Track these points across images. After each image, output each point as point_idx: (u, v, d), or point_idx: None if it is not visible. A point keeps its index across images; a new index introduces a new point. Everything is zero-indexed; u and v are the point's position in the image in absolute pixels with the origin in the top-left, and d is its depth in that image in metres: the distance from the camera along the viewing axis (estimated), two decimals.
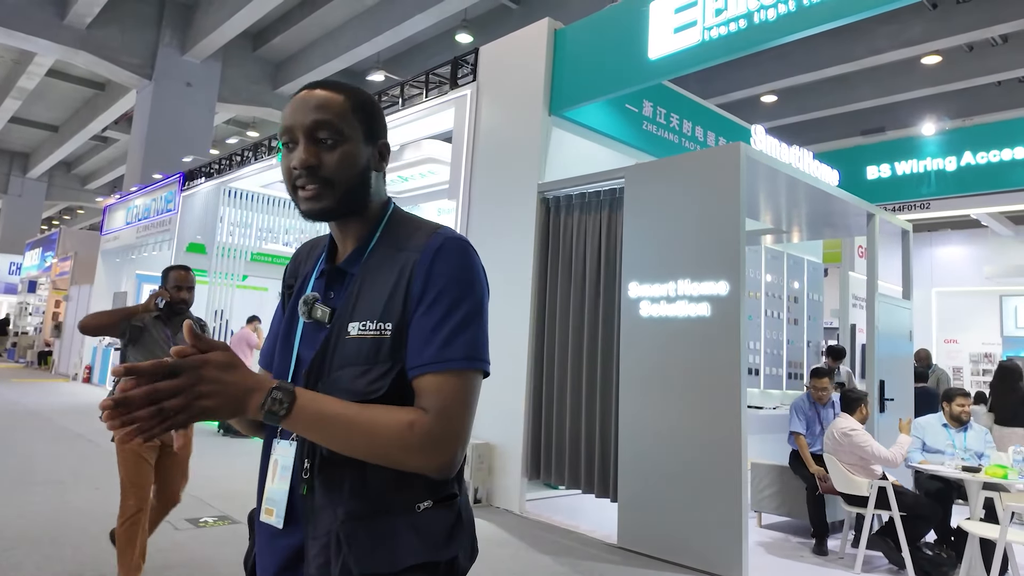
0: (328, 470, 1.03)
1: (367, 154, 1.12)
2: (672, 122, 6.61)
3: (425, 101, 6.89)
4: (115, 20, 16.09)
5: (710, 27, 4.58)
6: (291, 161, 1.08)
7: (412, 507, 1.03)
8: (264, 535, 1.10)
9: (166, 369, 0.87)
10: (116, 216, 15.40)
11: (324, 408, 0.96)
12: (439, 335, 1.02)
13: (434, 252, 1.06)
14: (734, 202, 4.27)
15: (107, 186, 29.68)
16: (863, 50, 12.77)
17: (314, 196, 1.07)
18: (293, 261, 1.28)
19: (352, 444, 0.97)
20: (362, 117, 1.12)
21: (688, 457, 4.32)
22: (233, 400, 0.91)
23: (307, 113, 1.07)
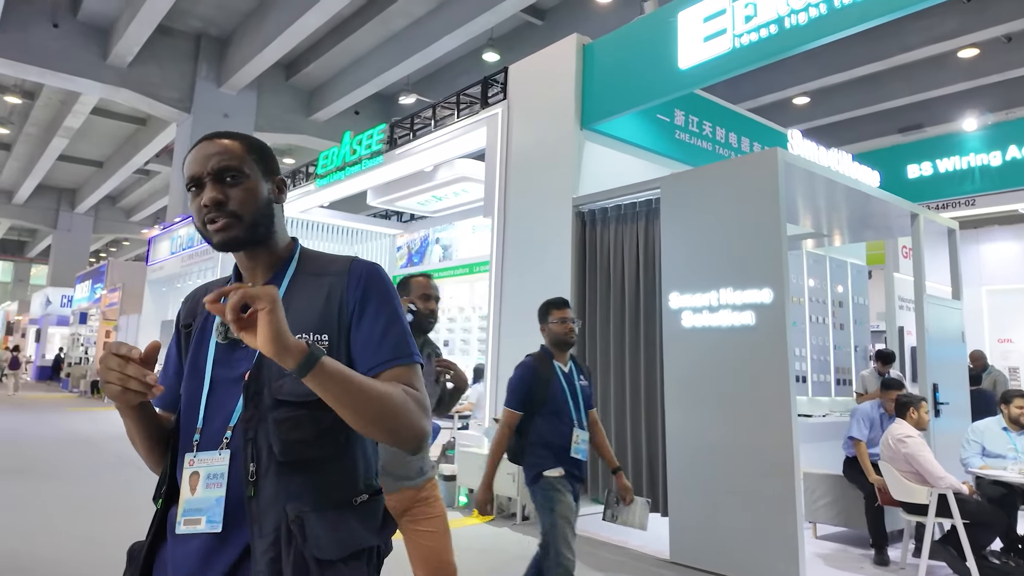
0: (274, 472, 1.12)
1: (267, 188, 1.25)
2: (705, 130, 6.58)
3: (457, 121, 6.98)
4: (154, 57, 16.69)
5: (740, 34, 4.56)
6: (201, 200, 1.20)
7: (351, 501, 1.17)
8: (189, 558, 1.13)
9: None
10: (161, 247, 15.86)
11: (341, 365, 1.06)
12: (389, 339, 1.20)
13: (365, 273, 1.24)
14: (774, 208, 4.22)
15: (151, 217, 30.64)
16: (896, 47, 12.54)
17: (224, 227, 1.19)
18: (186, 304, 1.39)
19: (365, 401, 1.07)
20: (257, 157, 1.26)
21: (739, 468, 4.25)
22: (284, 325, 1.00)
23: (210, 159, 1.21)
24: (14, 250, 42.89)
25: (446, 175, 8.55)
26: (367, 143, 8.20)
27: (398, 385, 1.14)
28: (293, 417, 1.13)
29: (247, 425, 1.14)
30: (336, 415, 1.08)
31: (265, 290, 0.99)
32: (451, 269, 11.10)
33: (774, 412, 4.12)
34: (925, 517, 4.25)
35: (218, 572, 1.11)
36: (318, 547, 1.09)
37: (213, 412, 1.19)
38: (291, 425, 1.13)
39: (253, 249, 1.25)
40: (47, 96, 19.65)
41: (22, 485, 6.59)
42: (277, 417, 1.13)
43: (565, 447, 3.01)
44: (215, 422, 1.18)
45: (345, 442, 1.18)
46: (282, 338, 0.98)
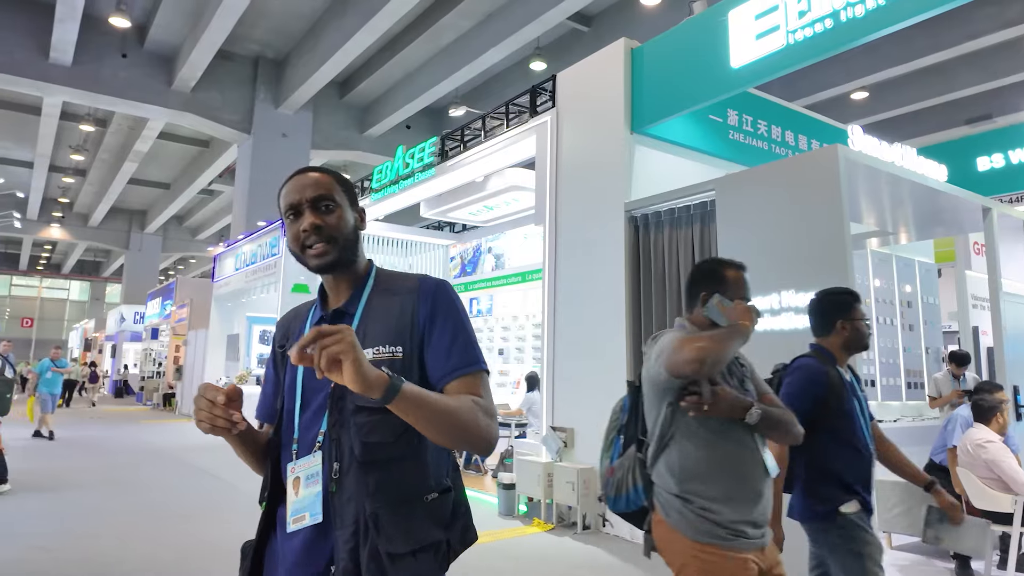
0: (355, 470, 1.25)
1: (353, 217, 1.40)
2: (760, 129, 6.44)
3: (506, 131, 7.03)
4: (215, 82, 17.40)
5: (794, 30, 4.45)
6: (300, 226, 1.35)
7: (423, 498, 1.29)
8: (299, 548, 1.28)
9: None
10: (226, 264, 16.46)
11: (418, 389, 1.16)
12: (456, 348, 1.31)
13: (433, 289, 1.36)
14: (836, 207, 4.09)
15: (215, 235, 31.87)
16: (961, 35, 12.02)
17: (322, 252, 1.34)
18: (280, 328, 1.54)
19: (440, 418, 1.17)
20: (344, 189, 1.41)
21: None
22: (365, 365, 1.07)
23: (307, 189, 1.36)
24: (90, 270, 45.28)
25: (497, 185, 8.61)
26: (419, 156, 8.33)
27: (467, 397, 1.25)
28: (371, 421, 1.26)
29: (332, 429, 1.29)
30: None
31: (344, 339, 1.05)
32: (503, 278, 11.15)
33: None
34: (1009, 526, 4.03)
35: (321, 561, 1.26)
36: (389, 542, 1.21)
37: (308, 423, 1.34)
38: (369, 428, 1.26)
39: (340, 271, 1.39)
40: (117, 123, 20.71)
41: (105, 493, 6.92)
42: (358, 421, 1.26)
43: (863, 476, 2.50)
44: (310, 432, 1.33)
45: (417, 444, 1.29)
46: (366, 378, 1.06)
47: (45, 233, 31.58)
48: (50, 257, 42.15)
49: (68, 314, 45.84)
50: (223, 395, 1.23)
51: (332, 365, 1.05)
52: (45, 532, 5.32)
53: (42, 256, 41.49)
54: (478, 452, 1.28)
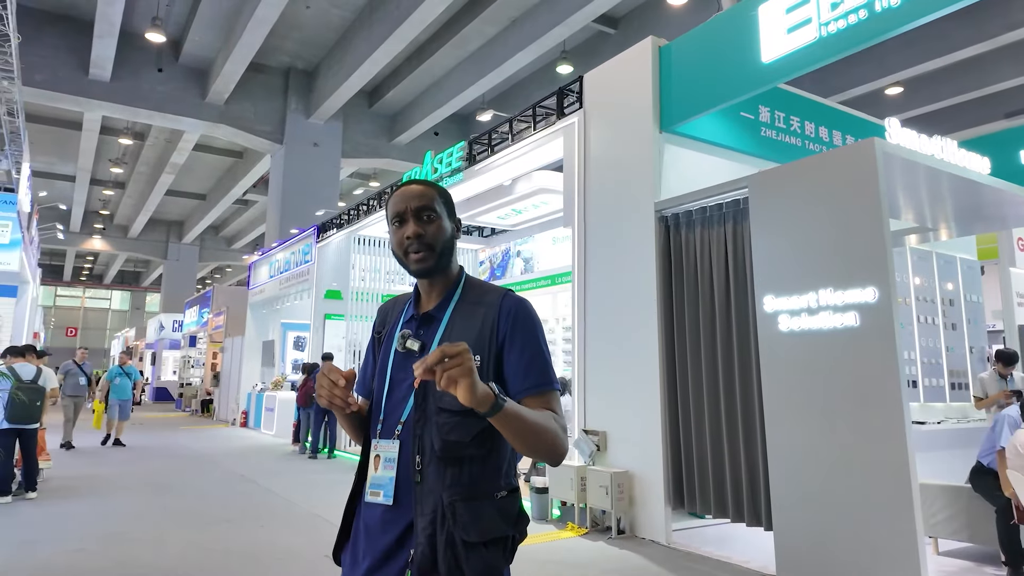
0: (435, 464, 1.38)
1: (450, 227, 1.53)
2: (793, 125, 6.32)
3: (534, 134, 7.01)
4: (247, 94, 17.74)
5: (826, 22, 4.36)
6: (405, 233, 1.48)
7: (494, 494, 1.41)
8: (374, 520, 1.44)
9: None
10: (260, 271, 16.74)
11: (515, 405, 1.29)
12: (535, 367, 1.44)
13: (514, 309, 1.47)
14: (874, 201, 3.98)
15: (250, 244, 32.46)
16: (998, 26, 11.68)
17: (422, 258, 1.47)
18: (380, 315, 1.69)
19: (529, 431, 1.30)
20: (444, 202, 1.53)
21: (849, 479, 4.00)
22: (478, 386, 1.19)
23: (411, 199, 1.49)
24: (131, 280, 46.49)
25: (524, 188, 8.60)
26: (447, 161, 8.37)
27: (548, 413, 1.38)
28: (451, 422, 1.38)
29: (416, 424, 1.42)
30: (485, 424, 1.31)
31: (464, 364, 1.17)
32: (533, 281, 11.12)
33: (885, 418, 3.86)
34: None
35: (392, 536, 1.40)
36: (465, 531, 1.33)
37: (392, 408, 1.49)
38: (449, 428, 1.38)
39: (435, 276, 1.51)
40: (154, 136, 21.25)
41: (144, 497, 7.06)
42: (439, 421, 1.39)
43: None
44: (392, 416, 1.48)
45: (491, 446, 1.41)
46: (477, 397, 1.18)
47: (87, 245, 32.51)
48: (92, 268, 43.38)
49: (110, 323, 47.10)
50: (344, 379, 1.40)
51: (450, 383, 1.17)
52: (85, 535, 5.43)
53: (85, 267, 42.73)
54: (551, 462, 1.40)
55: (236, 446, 12.18)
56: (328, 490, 7.83)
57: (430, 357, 1.17)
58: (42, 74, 15.50)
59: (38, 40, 15.38)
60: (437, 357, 1.16)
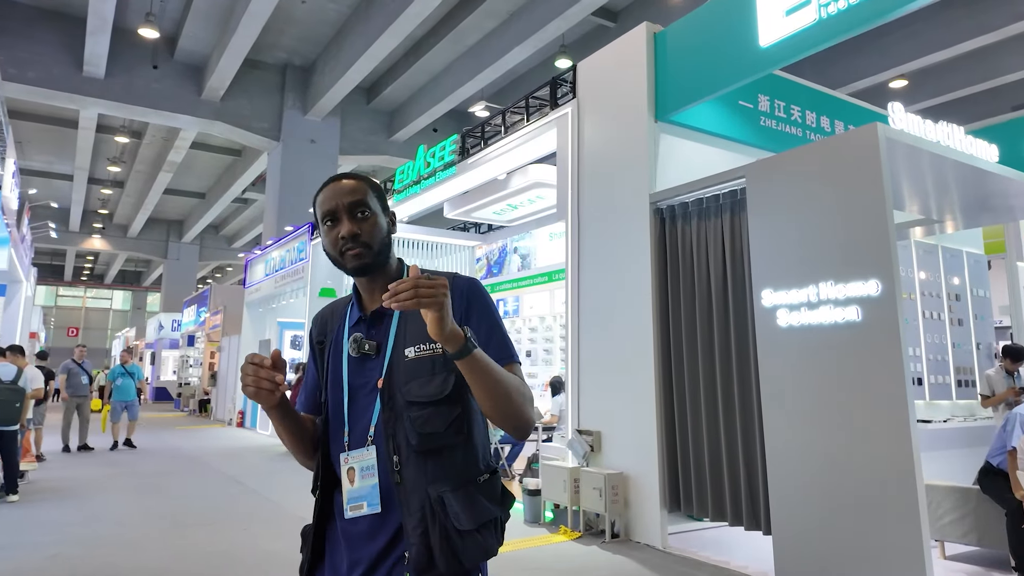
0: (413, 460, 1.34)
1: (385, 221, 1.49)
2: (793, 114, 6.12)
3: (526, 125, 6.83)
4: (244, 91, 17.57)
5: (826, 3, 4.16)
6: (338, 232, 1.42)
7: (476, 479, 1.39)
8: (358, 531, 1.39)
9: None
10: (256, 269, 16.59)
11: (484, 355, 1.27)
12: (494, 343, 1.41)
13: (466, 288, 1.45)
14: (877, 190, 3.79)
15: (250, 243, 32.35)
16: (1004, 17, 11.44)
17: (358, 255, 1.42)
18: (317, 324, 1.61)
19: (502, 385, 1.29)
20: (376, 196, 1.48)
21: (851, 480, 3.81)
22: (450, 319, 1.19)
23: (343, 196, 1.43)
24: (132, 280, 46.42)
25: (519, 182, 8.42)
26: (440, 155, 8.19)
27: (517, 378, 1.36)
28: (424, 414, 1.35)
29: (386, 424, 1.37)
30: (458, 410, 1.36)
31: (439, 290, 1.16)
32: (530, 278, 10.93)
33: (889, 417, 3.67)
34: None
35: (381, 544, 1.36)
36: (458, 520, 1.30)
37: (356, 416, 1.43)
38: (423, 420, 1.35)
39: (375, 272, 1.47)
40: (151, 134, 21.10)
41: (131, 501, 6.90)
42: (411, 415, 1.35)
43: None
44: (360, 424, 1.42)
45: (467, 432, 1.40)
46: (447, 328, 1.18)
47: (87, 244, 32.41)
48: (93, 268, 43.32)
49: (111, 323, 47.04)
50: (268, 360, 1.33)
51: (422, 306, 1.15)
52: (62, 539, 5.27)
53: (85, 267, 42.66)
54: (519, 429, 1.35)
55: (230, 447, 12.03)
56: None
57: (401, 283, 1.14)
58: (36, 71, 15.34)
59: (31, 37, 15.23)
60: (409, 284, 1.13)
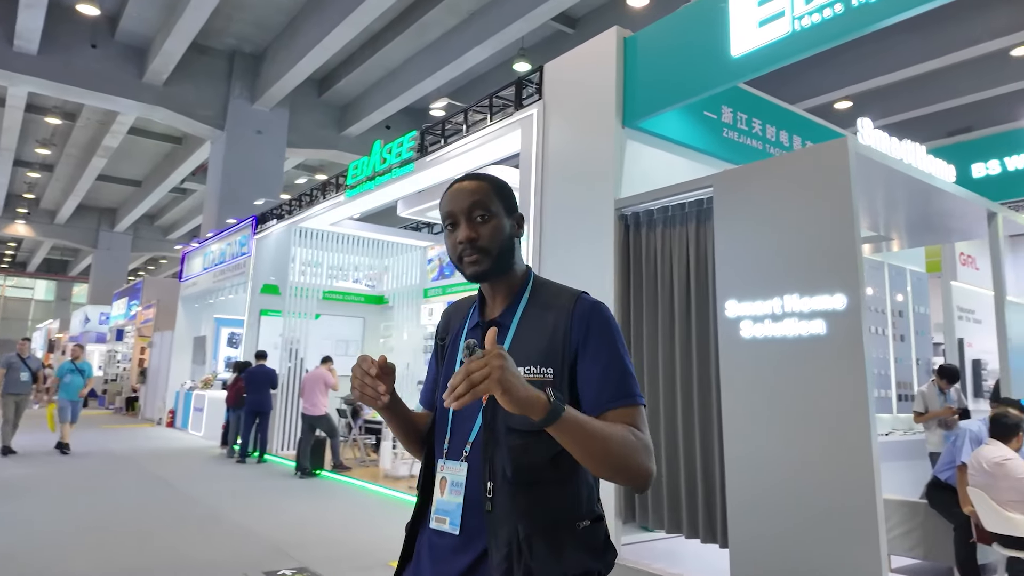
0: (506, 490, 1.24)
1: (508, 225, 1.39)
2: (755, 128, 6.16)
3: (489, 125, 6.68)
4: (189, 76, 16.85)
5: (800, 16, 4.17)
6: (457, 237, 1.36)
7: (575, 525, 1.28)
8: (442, 550, 1.31)
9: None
10: (194, 262, 15.89)
11: (578, 413, 1.16)
12: (611, 378, 1.28)
13: (588, 312, 1.32)
14: (846, 205, 3.80)
15: (187, 235, 31.09)
16: (947, 45, 11.94)
17: (476, 262, 1.35)
18: (443, 318, 1.57)
19: (599, 446, 1.16)
20: (500, 198, 1.39)
21: (811, 494, 3.80)
22: (519, 391, 1.07)
23: (463, 199, 1.36)
24: (57, 269, 44.00)
25: None
26: (397, 151, 7.96)
27: (625, 427, 1.22)
28: (524, 444, 1.26)
29: (485, 446, 1.29)
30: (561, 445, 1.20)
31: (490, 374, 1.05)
32: None
33: (851, 431, 3.66)
34: None
35: (464, 563, 1.27)
36: (543, 567, 1.20)
37: (458, 424, 1.37)
38: (522, 450, 1.26)
39: (496, 279, 1.39)
40: (86, 117, 20.03)
41: (52, 505, 6.41)
42: (510, 443, 1.26)
43: None
44: (460, 433, 1.36)
45: (569, 470, 1.28)
46: (521, 401, 1.07)
47: (10, 229, 30.56)
48: (15, 255, 40.88)
49: (33, 314, 44.48)
50: (376, 367, 1.29)
51: (480, 395, 1.06)
52: None
53: (6, 253, 40.23)
54: (635, 486, 1.24)
55: (160, 447, 11.43)
56: (256, 498, 7.31)
57: (454, 378, 1.06)
58: None
59: None
60: (461, 376, 1.06)
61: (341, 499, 7.47)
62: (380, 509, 6.97)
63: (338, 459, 9.18)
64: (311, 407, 9.06)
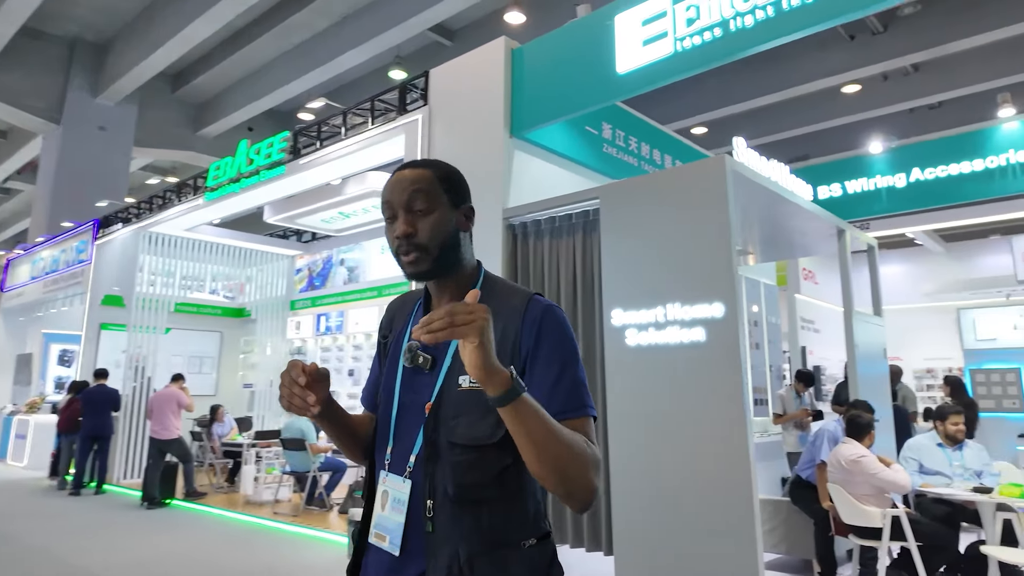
0: (448, 509, 1.17)
1: (453, 218, 1.29)
2: (631, 145, 6.40)
3: (371, 129, 6.44)
4: (20, 63, 15.01)
5: (682, 37, 4.36)
6: (394, 232, 1.27)
7: (520, 544, 1.20)
8: (381, 566, 1.24)
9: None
10: (19, 271, 14.08)
11: (539, 406, 1.07)
12: (562, 388, 1.18)
13: (540, 316, 1.22)
14: (723, 218, 3.99)
15: (11, 240, 27.54)
16: (787, 80, 13.18)
17: (414, 260, 1.25)
18: (387, 315, 1.46)
19: (551, 444, 1.08)
20: (447, 187, 1.29)
21: (692, 498, 3.92)
22: (491, 354, 1.02)
23: (402, 188, 1.26)
24: None
25: (355, 190, 7.96)
26: (267, 152, 7.47)
27: (582, 436, 1.15)
28: (466, 460, 1.18)
29: (427, 461, 1.20)
30: (508, 460, 1.16)
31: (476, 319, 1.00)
32: (357, 292, 10.41)
33: (729, 434, 3.83)
34: (877, 541, 4.08)
35: None
36: None
37: (401, 434, 1.27)
38: (465, 468, 1.18)
39: (441, 277, 1.30)
40: None
41: None
42: (452, 459, 1.18)
43: None
44: (403, 444, 1.26)
45: (516, 487, 1.20)
46: (488, 367, 1.02)
47: None
48: None
49: None
50: (305, 376, 1.20)
51: (456, 335, 1.00)
52: None
53: None
54: (577, 500, 1.13)
55: None
56: (97, 535, 6.50)
57: (436, 312, 1.00)
58: None
59: None
60: (442, 313, 1.00)
61: (196, 530, 6.81)
62: (242, 539, 6.43)
63: (192, 486, 8.40)
64: (162, 430, 8.23)
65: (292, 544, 6.20)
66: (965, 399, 6.51)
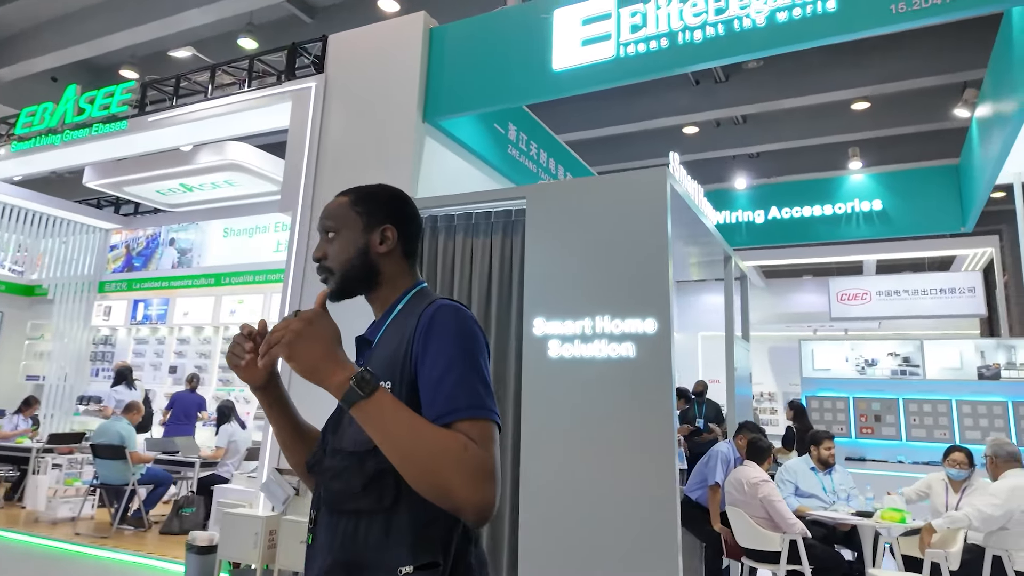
0: (326, 518, 1.17)
1: (363, 240, 1.31)
2: (532, 150, 6.20)
3: (245, 92, 5.60)
4: None
5: (626, 43, 4.23)
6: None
7: (394, 569, 1.09)
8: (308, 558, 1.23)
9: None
10: None
11: (400, 406, 1.07)
12: (444, 387, 1.12)
13: (430, 316, 1.20)
14: (660, 232, 3.88)
15: None
16: (640, 112, 13.89)
17: (325, 281, 1.33)
18: None
19: (414, 447, 1.03)
20: (361, 209, 1.33)
21: (612, 523, 3.72)
22: (312, 363, 1.07)
23: (322, 215, 1.35)
24: None
25: (209, 159, 6.94)
26: (103, 103, 6.23)
27: (457, 437, 1.06)
28: (339, 466, 1.16)
29: (317, 469, 1.22)
30: (384, 465, 1.08)
31: (282, 338, 1.09)
32: (188, 278, 9.13)
33: (655, 457, 3.69)
34: (773, 565, 4.16)
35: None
36: None
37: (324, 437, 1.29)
38: (334, 473, 1.16)
39: (366, 295, 1.34)
40: None
41: None
42: (329, 464, 1.19)
43: None
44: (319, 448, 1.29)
45: (394, 500, 1.11)
46: (311, 371, 1.07)
47: None
48: None
49: None
50: (252, 330, 1.22)
51: (272, 359, 1.08)
52: None
53: None
54: (458, 510, 1.04)
55: None
56: None
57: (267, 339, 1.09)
58: None
59: None
60: (269, 335, 1.09)
61: None
62: (27, 567, 5.22)
63: None
64: None
65: (101, 571, 5.14)
66: (806, 423, 7.08)
